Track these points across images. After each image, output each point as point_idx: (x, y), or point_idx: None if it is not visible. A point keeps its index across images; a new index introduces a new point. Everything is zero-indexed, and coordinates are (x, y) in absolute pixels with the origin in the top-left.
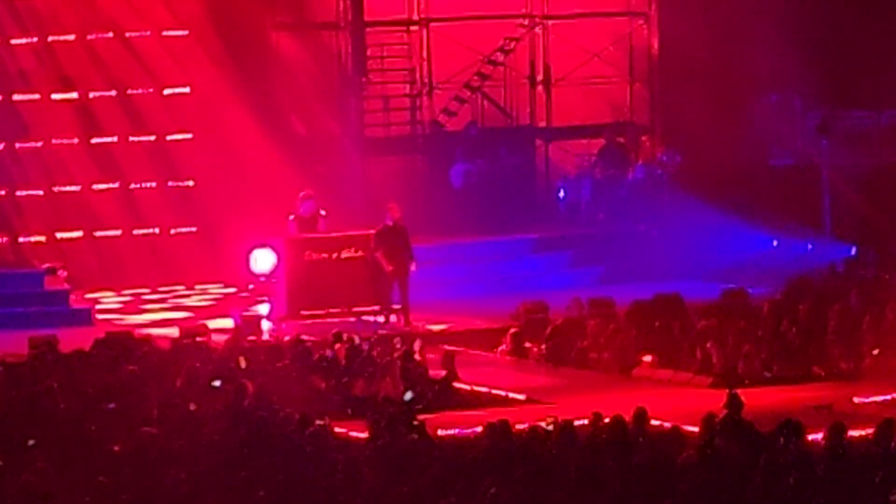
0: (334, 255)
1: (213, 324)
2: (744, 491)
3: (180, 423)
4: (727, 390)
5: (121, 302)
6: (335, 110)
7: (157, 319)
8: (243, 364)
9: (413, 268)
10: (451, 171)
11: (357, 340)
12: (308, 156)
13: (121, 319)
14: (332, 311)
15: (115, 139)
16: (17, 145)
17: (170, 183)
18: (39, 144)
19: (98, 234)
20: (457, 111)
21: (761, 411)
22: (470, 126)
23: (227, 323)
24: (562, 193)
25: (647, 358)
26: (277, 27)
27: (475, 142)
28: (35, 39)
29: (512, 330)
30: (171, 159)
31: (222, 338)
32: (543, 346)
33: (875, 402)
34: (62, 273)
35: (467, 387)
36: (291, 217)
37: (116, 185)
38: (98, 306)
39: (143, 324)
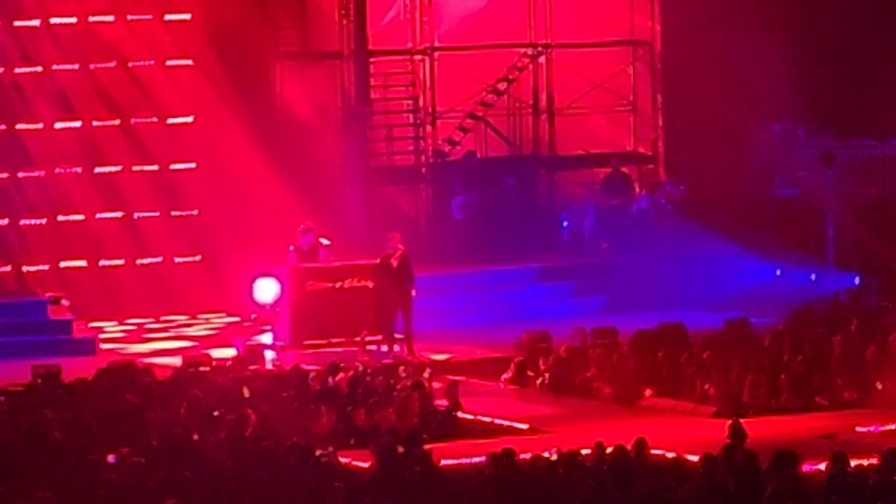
0: (337, 285)
1: (217, 353)
2: None
3: (182, 452)
4: (730, 420)
5: (124, 331)
6: (339, 140)
7: (160, 349)
8: (247, 394)
9: (413, 293)
10: (452, 203)
11: (360, 369)
12: (311, 185)
13: (124, 349)
14: (334, 340)
15: (118, 168)
16: (21, 174)
17: (173, 212)
18: (42, 174)
19: (101, 263)
20: (460, 140)
21: (765, 441)
22: (468, 156)
23: (230, 352)
24: (566, 223)
25: (649, 392)
26: (281, 57)
27: (474, 172)
28: (39, 69)
29: (516, 359)
30: (175, 188)
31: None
32: (546, 376)
33: (879, 432)
34: (65, 302)
35: (471, 416)
36: (291, 248)
37: (120, 214)
38: (101, 335)
39: (146, 353)
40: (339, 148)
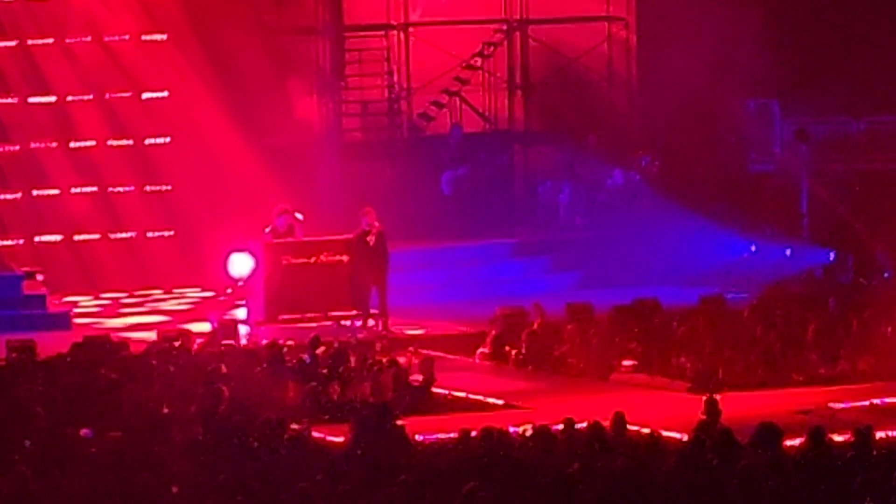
0: (312, 260)
1: (192, 327)
2: (721, 497)
3: (155, 426)
4: (705, 396)
5: (98, 306)
6: (313, 115)
7: (135, 323)
8: (224, 370)
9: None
10: (442, 178)
11: (337, 345)
12: (286, 160)
13: (99, 323)
14: (309, 315)
15: (93, 143)
16: None
17: (148, 187)
18: (17, 148)
19: (76, 237)
20: (435, 116)
21: (739, 417)
22: (453, 129)
23: (205, 327)
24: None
25: (628, 362)
26: (255, 32)
27: (459, 147)
28: (13, 43)
29: (493, 333)
30: (149, 163)
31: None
32: (522, 351)
33: (853, 408)
34: (40, 277)
35: (445, 391)
36: (267, 230)
37: (94, 189)
38: (76, 310)
39: (121, 328)
40: (313, 123)
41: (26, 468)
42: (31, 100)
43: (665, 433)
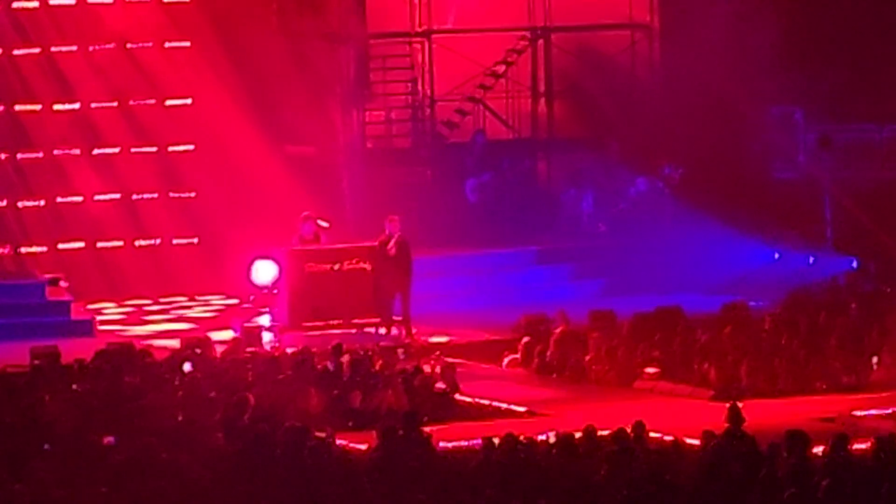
0: (335, 267)
1: (216, 336)
2: None
3: (179, 434)
4: (728, 403)
5: (123, 313)
6: (338, 122)
7: (160, 331)
8: (249, 378)
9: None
10: (466, 186)
11: (361, 352)
12: (310, 167)
13: (125, 331)
14: (332, 322)
15: (116, 150)
16: (19, 156)
17: (171, 194)
18: (41, 155)
19: (100, 244)
20: (459, 123)
21: (762, 425)
22: (477, 136)
23: (229, 334)
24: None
25: (651, 370)
26: (279, 39)
27: (483, 153)
28: (37, 50)
29: (525, 339)
30: (173, 170)
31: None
32: (545, 358)
33: (876, 415)
34: (64, 284)
35: (469, 399)
36: (295, 238)
37: (118, 195)
38: (100, 317)
39: (146, 335)
40: (337, 130)
41: (48, 475)
42: (56, 107)
43: (689, 441)
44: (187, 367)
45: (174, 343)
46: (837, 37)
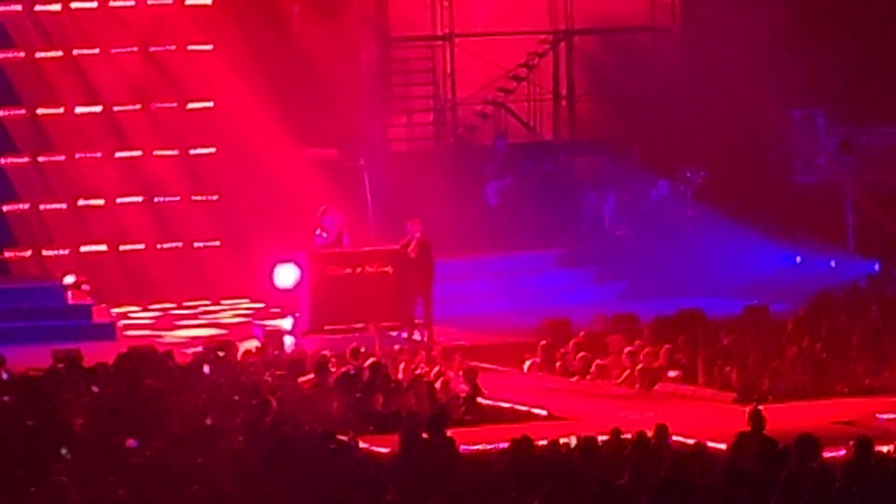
0: (357, 270)
1: (248, 341)
2: None
3: (201, 437)
4: (750, 406)
5: (148, 317)
6: (359, 125)
7: (190, 336)
8: (270, 381)
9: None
10: (487, 189)
11: (382, 355)
12: (332, 170)
13: (160, 336)
14: (354, 325)
15: (139, 153)
16: (42, 159)
17: (194, 197)
18: (63, 158)
19: (122, 247)
20: (480, 126)
21: (784, 428)
22: (498, 140)
23: (253, 343)
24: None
25: (673, 373)
26: (301, 42)
27: (504, 156)
28: (60, 53)
29: (543, 342)
30: (196, 173)
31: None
32: (567, 361)
33: None
34: (85, 287)
35: (490, 402)
36: (318, 232)
37: (141, 198)
38: (124, 321)
39: (175, 342)
40: (359, 133)
41: (68, 478)
42: (78, 110)
43: (711, 444)
44: (206, 369)
45: (197, 348)
46: (859, 39)
